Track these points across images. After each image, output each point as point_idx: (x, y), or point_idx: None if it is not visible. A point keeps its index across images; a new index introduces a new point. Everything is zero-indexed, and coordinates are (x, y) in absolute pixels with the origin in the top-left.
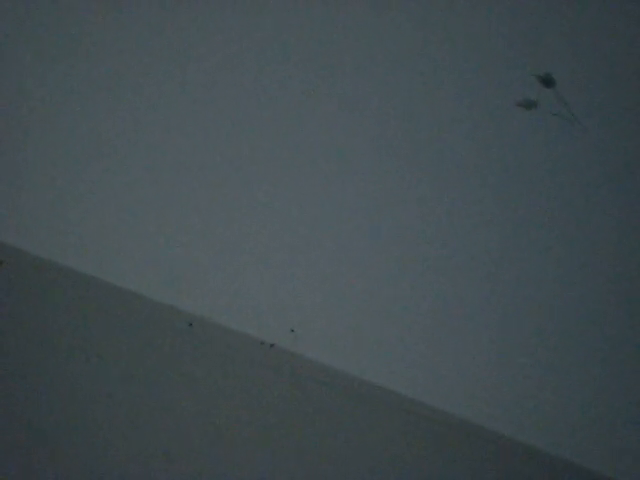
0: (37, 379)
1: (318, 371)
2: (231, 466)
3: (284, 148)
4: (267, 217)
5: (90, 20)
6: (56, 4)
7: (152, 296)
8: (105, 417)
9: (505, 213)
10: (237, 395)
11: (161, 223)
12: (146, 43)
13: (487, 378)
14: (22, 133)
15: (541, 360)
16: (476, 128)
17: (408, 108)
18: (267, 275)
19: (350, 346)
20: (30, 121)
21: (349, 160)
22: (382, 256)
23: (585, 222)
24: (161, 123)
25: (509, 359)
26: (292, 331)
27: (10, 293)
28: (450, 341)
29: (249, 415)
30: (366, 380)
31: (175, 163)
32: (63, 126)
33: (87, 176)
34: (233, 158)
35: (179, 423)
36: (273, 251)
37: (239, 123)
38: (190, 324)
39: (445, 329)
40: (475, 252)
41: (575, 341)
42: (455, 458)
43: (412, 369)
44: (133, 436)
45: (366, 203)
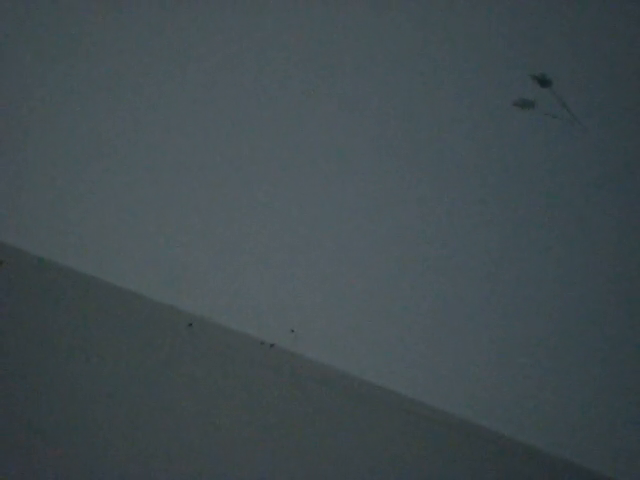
0: (37, 379)
1: (318, 371)
2: (231, 466)
3: (284, 148)
4: (267, 217)
5: (90, 20)
6: (56, 4)
7: (152, 296)
8: (105, 417)
9: (505, 213)
10: (237, 395)
11: (161, 223)
12: (146, 43)
13: (487, 378)
14: (22, 133)
15: (541, 360)
16: (476, 128)
17: (407, 108)
18: (267, 275)
19: (350, 346)
20: (30, 121)
21: (349, 160)
22: (382, 256)
23: (585, 222)
24: (161, 123)
25: (509, 359)
26: (292, 331)
27: (10, 293)
28: (450, 341)
29: (249, 415)
30: (366, 380)
31: (175, 163)
32: (63, 126)
33: (87, 176)
34: (233, 158)
35: (179, 423)
36: (273, 251)
37: (239, 123)
38: (190, 324)
39: (445, 329)
40: (475, 252)
41: (575, 341)
42: (455, 458)
43: (412, 369)
44: (133, 436)
45: (366, 203)
